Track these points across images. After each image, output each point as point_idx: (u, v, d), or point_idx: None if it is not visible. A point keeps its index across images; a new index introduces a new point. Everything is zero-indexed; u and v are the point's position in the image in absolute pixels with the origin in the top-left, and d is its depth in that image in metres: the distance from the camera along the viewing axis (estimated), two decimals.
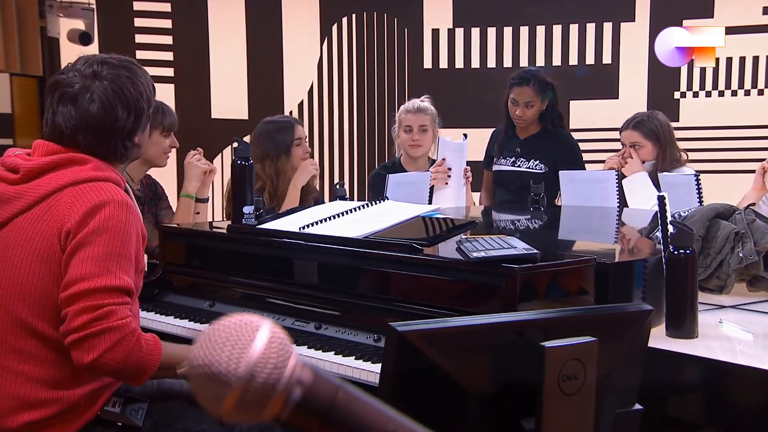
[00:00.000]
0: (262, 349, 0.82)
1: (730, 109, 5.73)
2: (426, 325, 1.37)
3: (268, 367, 0.82)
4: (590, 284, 2.17)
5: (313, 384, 0.83)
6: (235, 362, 0.83)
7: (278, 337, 0.84)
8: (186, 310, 2.74)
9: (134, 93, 2.09)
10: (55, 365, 1.98)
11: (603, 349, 1.40)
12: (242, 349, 0.83)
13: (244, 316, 0.88)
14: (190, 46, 6.03)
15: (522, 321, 1.49)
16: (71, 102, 2.04)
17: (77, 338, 1.88)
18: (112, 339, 1.88)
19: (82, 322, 1.88)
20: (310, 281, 2.56)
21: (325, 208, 2.82)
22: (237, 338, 0.84)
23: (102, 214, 1.94)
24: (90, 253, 1.91)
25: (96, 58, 2.10)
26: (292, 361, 0.83)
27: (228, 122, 5.95)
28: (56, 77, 2.10)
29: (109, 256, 1.92)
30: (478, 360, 1.38)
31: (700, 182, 3.34)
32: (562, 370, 1.37)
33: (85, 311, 1.88)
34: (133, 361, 1.91)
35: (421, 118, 4.14)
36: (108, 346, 1.88)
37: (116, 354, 1.88)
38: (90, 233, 1.92)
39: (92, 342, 1.87)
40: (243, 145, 2.83)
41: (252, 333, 0.84)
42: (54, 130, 2.07)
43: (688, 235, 2.17)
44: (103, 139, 2.07)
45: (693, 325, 2.16)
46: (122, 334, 1.89)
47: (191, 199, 3.57)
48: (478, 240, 2.30)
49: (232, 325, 0.86)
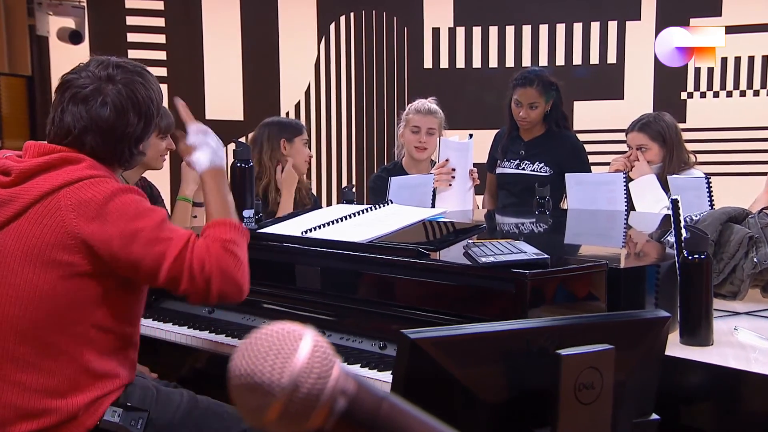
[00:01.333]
0: (306, 359, 0.82)
1: (738, 109, 5.75)
2: (438, 333, 1.37)
3: (312, 377, 0.82)
4: (602, 290, 2.17)
5: (357, 394, 0.83)
6: (278, 372, 0.83)
7: (321, 346, 0.84)
8: (185, 317, 2.74)
9: (146, 98, 2.11)
10: (52, 374, 1.97)
11: (619, 356, 1.41)
12: (285, 358, 0.83)
13: (285, 324, 0.88)
14: (184, 45, 6.03)
15: (536, 328, 1.49)
16: (83, 102, 2.05)
17: (194, 292, 2.00)
18: (205, 274, 1.99)
19: (186, 286, 2.00)
20: (312, 287, 2.55)
21: (327, 212, 2.81)
22: (280, 347, 0.84)
23: (114, 207, 1.97)
24: (138, 244, 1.97)
25: (111, 62, 2.11)
26: (336, 371, 0.83)
27: (223, 123, 5.93)
28: (67, 76, 2.10)
29: (153, 232, 1.98)
30: (491, 368, 1.38)
31: (711, 185, 3.34)
32: (578, 378, 1.37)
33: (181, 280, 1.99)
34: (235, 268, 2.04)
35: (430, 120, 4.16)
36: (215, 277, 2.00)
37: (225, 275, 2.01)
38: (120, 233, 1.96)
39: (203, 287, 2.00)
40: (242, 147, 2.82)
41: (295, 342, 0.84)
42: (61, 129, 2.07)
43: (703, 239, 2.17)
44: (110, 143, 2.08)
45: (708, 333, 2.16)
46: (209, 262, 2.00)
47: (188, 203, 3.57)
48: (485, 244, 2.30)
49: (274, 334, 0.86)
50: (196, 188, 3.59)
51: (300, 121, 4.17)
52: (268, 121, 4.11)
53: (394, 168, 4.27)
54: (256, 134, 4.08)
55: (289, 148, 3.97)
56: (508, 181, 4.42)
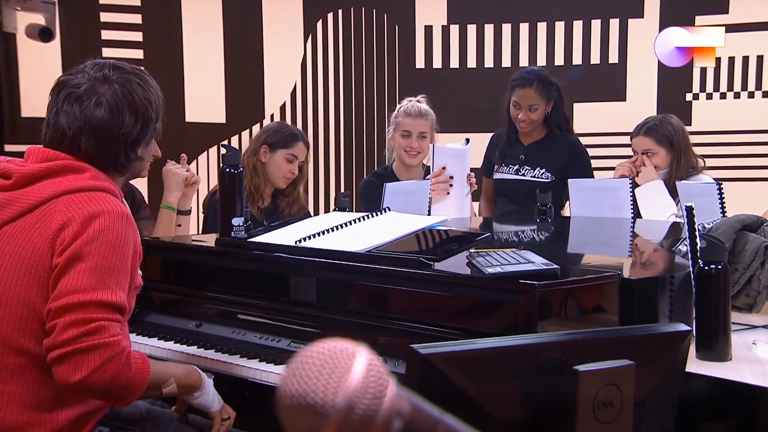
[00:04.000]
0: (361, 378, 0.82)
1: (746, 111, 5.77)
2: (450, 348, 1.37)
3: (368, 398, 0.82)
4: (614, 302, 2.19)
5: (413, 415, 0.83)
6: (332, 392, 0.83)
7: (376, 364, 0.84)
8: (171, 331, 2.74)
9: (143, 100, 2.13)
10: (38, 386, 1.97)
11: (639, 373, 1.41)
12: (339, 378, 0.83)
13: (336, 341, 0.88)
14: (162, 44, 6.01)
15: (552, 342, 1.49)
16: (77, 102, 2.07)
17: (64, 353, 1.87)
18: (102, 357, 1.88)
19: (71, 335, 1.87)
20: (307, 299, 2.56)
21: (322, 220, 2.81)
22: (333, 366, 0.84)
23: (98, 224, 1.96)
24: (85, 264, 1.92)
25: (108, 63, 2.13)
26: (391, 391, 0.83)
27: (204, 126, 5.95)
28: (63, 77, 2.13)
29: (105, 269, 1.93)
30: (505, 384, 1.39)
31: (723, 191, 3.35)
32: (597, 396, 1.37)
33: (75, 324, 1.88)
34: (121, 381, 1.91)
35: (421, 123, 4.15)
36: (97, 365, 1.88)
37: (105, 373, 1.88)
38: (85, 243, 1.93)
39: (81, 359, 1.87)
40: (231, 151, 2.82)
41: (348, 361, 0.84)
42: (56, 131, 2.09)
43: (720, 248, 2.18)
44: (105, 145, 2.09)
45: (726, 347, 2.17)
46: (113, 352, 1.89)
47: (173, 211, 3.56)
48: (490, 254, 2.31)
49: (326, 352, 0.86)
50: (179, 195, 3.59)
51: (303, 134, 4.08)
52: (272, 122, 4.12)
53: (385, 173, 4.26)
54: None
55: (268, 157, 3.95)
56: (507, 188, 4.42)
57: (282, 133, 4.01)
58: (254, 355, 2.47)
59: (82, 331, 1.87)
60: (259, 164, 3.94)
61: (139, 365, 1.97)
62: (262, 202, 3.95)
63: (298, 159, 3.96)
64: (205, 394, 2.19)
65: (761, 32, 5.68)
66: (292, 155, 3.95)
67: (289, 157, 3.95)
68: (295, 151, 3.96)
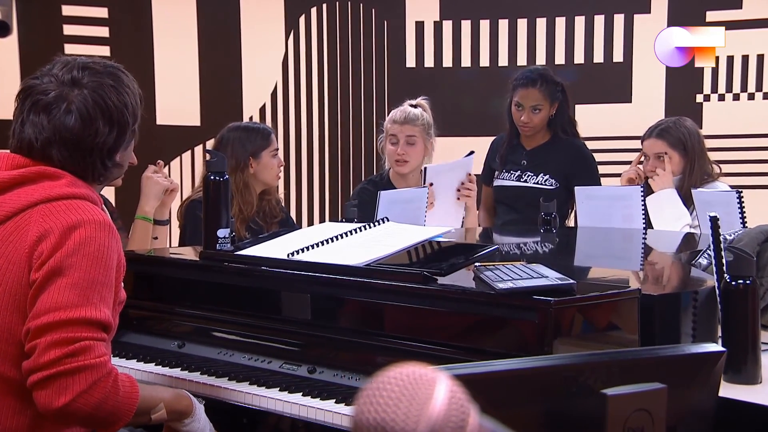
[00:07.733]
0: (444, 406, 0.83)
1: (762, 113, 5.78)
2: (468, 370, 1.37)
3: (450, 426, 0.82)
4: (634, 320, 2.19)
5: None
6: (413, 421, 0.84)
7: (457, 391, 0.84)
8: (151, 352, 2.72)
9: (118, 104, 2.10)
10: (13, 413, 1.96)
11: (671, 397, 1.42)
12: (421, 406, 0.83)
13: (414, 367, 0.88)
14: (131, 40, 5.98)
15: (577, 364, 1.49)
16: (44, 111, 2.04)
17: (46, 376, 1.85)
18: (88, 380, 1.86)
19: (53, 357, 1.85)
20: (301, 317, 2.55)
21: (316, 231, 2.81)
22: (413, 393, 0.85)
23: (79, 235, 1.94)
24: (66, 279, 1.90)
25: (77, 63, 2.10)
26: (474, 420, 0.83)
27: (176, 129, 5.91)
28: (29, 82, 2.10)
29: (88, 284, 1.92)
30: (528, 409, 1.39)
31: (743, 200, 3.37)
32: (627, 422, 1.38)
33: (57, 345, 1.86)
34: (108, 406, 1.89)
35: (407, 128, 4.12)
36: (83, 388, 1.86)
37: (91, 398, 1.87)
38: (66, 257, 1.92)
39: (64, 382, 1.85)
40: (217, 157, 2.82)
41: (429, 387, 0.85)
42: (21, 142, 2.07)
43: (748, 262, 2.19)
44: (79, 156, 2.07)
45: (756, 369, 2.16)
46: (99, 374, 1.87)
47: (149, 223, 3.55)
48: (499, 268, 2.31)
49: (405, 378, 0.86)
50: (157, 205, 3.58)
51: (266, 125, 4.10)
52: (232, 127, 4.06)
53: (381, 180, 4.25)
54: (218, 145, 4.01)
55: (257, 166, 3.95)
56: (507, 195, 4.43)
57: (255, 135, 4.00)
58: (244, 377, 2.46)
59: (65, 351, 1.85)
60: (249, 178, 3.93)
61: (128, 389, 1.95)
62: (250, 210, 3.96)
63: (277, 149, 4.05)
64: (195, 421, 2.18)
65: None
66: (274, 150, 4.02)
67: (273, 153, 4.01)
68: (274, 144, 4.04)
